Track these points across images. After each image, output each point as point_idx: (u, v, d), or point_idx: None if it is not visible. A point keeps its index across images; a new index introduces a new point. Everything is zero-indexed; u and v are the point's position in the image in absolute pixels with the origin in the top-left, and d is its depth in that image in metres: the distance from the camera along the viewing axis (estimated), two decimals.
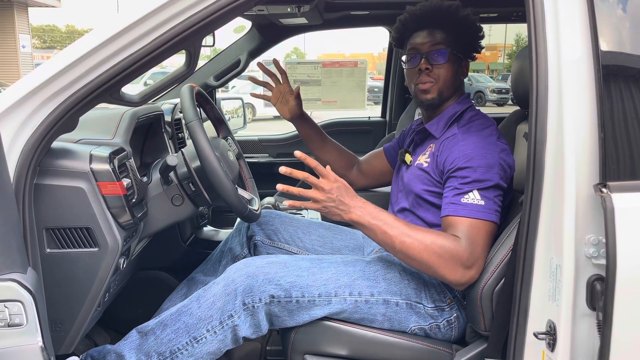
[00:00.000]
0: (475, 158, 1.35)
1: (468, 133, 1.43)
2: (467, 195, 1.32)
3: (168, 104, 2.08)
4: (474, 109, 1.54)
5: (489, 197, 1.32)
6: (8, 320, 1.00)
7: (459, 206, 1.32)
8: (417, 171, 1.51)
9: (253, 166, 2.14)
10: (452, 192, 1.35)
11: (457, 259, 1.28)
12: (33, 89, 1.10)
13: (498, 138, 1.42)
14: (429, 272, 1.32)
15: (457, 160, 1.36)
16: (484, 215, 1.30)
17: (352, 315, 1.39)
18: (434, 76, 1.50)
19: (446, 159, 1.40)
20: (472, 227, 1.30)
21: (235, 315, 1.33)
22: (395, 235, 1.30)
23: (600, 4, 1.04)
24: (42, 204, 1.22)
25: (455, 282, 1.31)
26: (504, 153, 1.39)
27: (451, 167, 1.38)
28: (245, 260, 1.43)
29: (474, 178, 1.33)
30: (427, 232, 1.33)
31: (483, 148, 1.37)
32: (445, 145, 1.44)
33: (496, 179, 1.34)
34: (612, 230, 0.96)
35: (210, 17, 1.12)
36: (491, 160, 1.35)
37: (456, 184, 1.35)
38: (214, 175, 1.42)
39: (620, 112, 1.04)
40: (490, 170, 1.34)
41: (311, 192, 1.34)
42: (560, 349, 1.04)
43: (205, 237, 2.22)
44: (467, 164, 1.35)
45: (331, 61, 3.39)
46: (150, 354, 1.35)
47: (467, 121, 1.48)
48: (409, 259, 1.31)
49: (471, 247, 1.28)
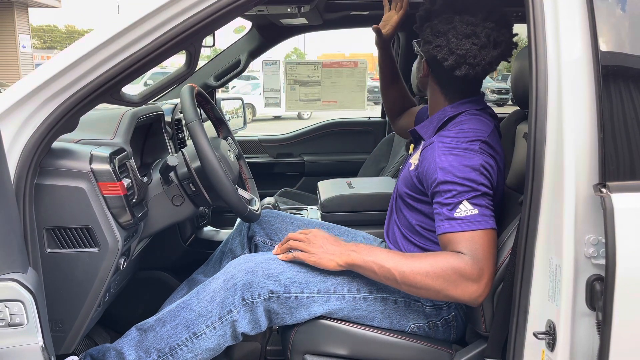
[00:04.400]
0: (454, 170, 1.28)
1: (445, 143, 1.33)
2: (458, 208, 1.26)
3: (168, 104, 2.08)
4: (472, 113, 1.42)
5: (480, 205, 1.26)
6: (8, 320, 1.00)
7: (454, 221, 1.26)
8: (406, 171, 1.48)
9: (253, 166, 2.15)
10: (443, 209, 1.28)
11: (465, 276, 1.22)
12: (33, 89, 1.10)
13: (480, 147, 1.31)
14: (440, 297, 1.27)
15: (435, 174, 1.30)
16: (481, 225, 1.24)
17: (351, 313, 1.40)
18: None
19: (426, 171, 1.34)
20: (473, 240, 1.24)
21: (234, 310, 1.33)
22: (393, 267, 1.27)
23: (600, 4, 1.04)
24: (43, 204, 1.22)
25: (471, 301, 1.24)
26: (481, 158, 1.30)
27: (432, 180, 1.31)
28: (244, 256, 1.43)
29: (458, 190, 1.26)
30: (425, 256, 1.28)
31: (460, 159, 1.29)
32: (424, 155, 1.37)
33: (482, 189, 1.27)
34: (612, 230, 0.96)
35: (211, 17, 1.12)
36: (470, 172, 1.27)
37: (442, 199, 1.28)
38: (214, 175, 1.43)
39: (619, 113, 1.04)
40: (473, 180, 1.27)
41: (292, 243, 1.41)
42: (560, 349, 1.04)
43: (205, 237, 2.23)
44: (446, 178, 1.28)
45: (331, 61, 3.39)
46: (149, 350, 1.35)
47: (450, 129, 1.39)
48: (415, 289, 1.26)
49: (476, 260, 1.22)
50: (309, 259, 1.37)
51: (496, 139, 1.40)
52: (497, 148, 1.37)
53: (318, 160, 3.30)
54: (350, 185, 2.19)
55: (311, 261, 1.36)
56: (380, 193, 2.04)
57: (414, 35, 1.65)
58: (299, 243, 1.39)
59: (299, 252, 1.38)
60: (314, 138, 3.37)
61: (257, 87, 13.32)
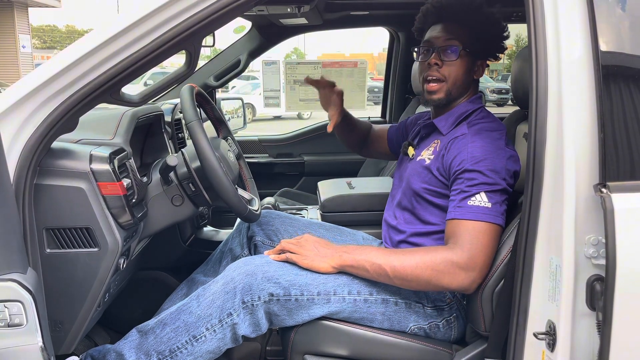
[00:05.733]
0: (483, 161, 1.33)
1: (478, 135, 1.39)
2: (474, 197, 1.30)
3: (168, 104, 2.08)
4: (485, 110, 1.51)
5: (496, 200, 1.30)
6: (8, 320, 1.00)
7: (465, 209, 1.30)
8: (419, 167, 1.49)
9: (253, 166, 2.14)
10: (459, 196, 1.33)
11: (454, 264, 1.26)
12: (33, 89, 1.10)
13: (507, 144, 1.39)
14: (431, 287, 1.31)
15: (465, 162, 1.34)
16: (489, 218, 1.28)
17: (352, 314, 1.39)
18: (443, 72, 1.46)
19: (454, 159, 1.38)
20: (476, 230, 1.28)
21: (234, 313, 1.33)
22: (384, 263, 1.31)
23: (600, 4, 1.04)
24: (42, 204, 1.22)
25: (461, 288, 1.29)
26: (510, 160, 1.36)
27: (458, 168, 1.35)
28: (244, 259, 1.43)
29: (481, 180, 1.31)
30: (416, 250, 1.34)
31: (492, 152, 1.34)
32: (454, 145, 1.41)
33: (503, 184, 1.32)
34: (612, 230, 0.96)
35: (211, 17, 1.12)
36: (498, 165, 1.33)
37: (463, 186, 1.33)
38: (214, 175, 1.43)
39: (620, 113, 1.04)
40: (498, 175, 1.32)
41: (286, 247, 1.42)
42: (560, 349, 1.04)
43: (205, 237, 2.22)
44: (474, 167, 1.33)
45: (331, 61, 3.38)
46: (150, 352, 1.35)
47: (478, 122, 1.45)
48: (406, 282, 1.31)
49: (471, 250, 1.26)
50: (302, 262, 1.38)
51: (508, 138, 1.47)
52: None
53: (318, 160, 3.30)
54: (350, 185, 2.18)
55: (304, 264, 1.38)
56: (380, 193, 2.04)
57: (413, 35, 1.65)
58: (292, 246, 1.42)
59: (292, 255, 1.40)
60: (314, 138, 3.37)
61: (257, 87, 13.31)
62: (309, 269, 1.38)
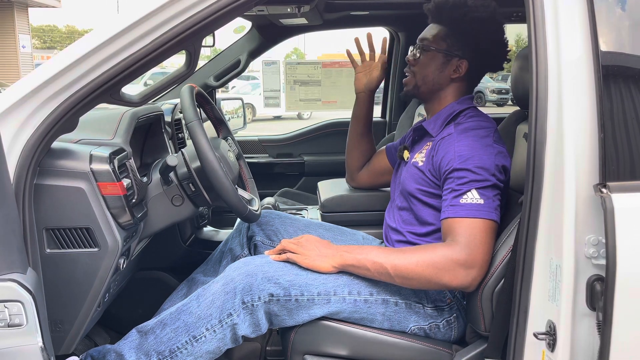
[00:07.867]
0: (471, 159, 1.34)
1: (464, 134, 1.42)
2: (465, 195, 1.32)
3: (168, 104, 2.08)
4: (475, 109, 1.53)
5: (487, 196, 1.32)
6: (8, 320, 1.00)
7: (457, 207, 1.32)
8: (412, 169, 1.51)
9: (253, 166, 2.14)
10: (450, 195, 1.35)
11: (454, 262, 1.27)
12: (33, 89, 1.10)
13: (495, 141, 1.41)
14: (432, 285, 1.32)
15: (452, 162, 1.36)
16: (483, 214, 1.30)
17: (352, 315, 1.39)
18: (414, 69, 1.56)
19: (442, 159, 1.40)
20: (472, 227, 1.29)
21: (234, 313, 1.33)
22: (385, 261, 1.32)
23: (600, 4, 1.04)
24: (42, 204, 1.22)
25: (462, 286, 1.29)
26: (499, 156, 1.37)
27: (447, 168, 1.37)
28: (244, 259, 1.43)
29: (471, 178, 1.33)
30: (417, 249, 1.35)
31: (479, 149, 1.36)
32: (440, 145, 1.43)
33: (493, 180, 1.33)
34: (612, 230, 0.96)
35: (211, 17, 1.12)
36: (487, 162, 1.34)
37: (453, 185, 1.35)
38: (214, 175, 1.43)
39: (620, 113, 1.04)
40: (487, 171, 1.33)
41: (287, 246, 1.42)
42: (560, 349, 1.04)
43: (205, 237, 2.23)
44: (462, 165, 1.34)
45: (331, 61, 3.38)
46: (149, 353, 1.34)
47: (465, 121, 1.47)
48: (407, 281, 1.32)
49: (469, 247, 1.27)
50: (303, 262, 1.38)
51: (498, 135, 1.47)
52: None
53: (318, 160, 3.29)
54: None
55: (305, 263, 1.38)
56: (380, 193, 2.04)
57: (413, 35, 1.65)
58: (292, 246, 1.42)
59: (293, 254, 1.39)
60: (314, 138, 3.37)
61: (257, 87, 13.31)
62: (310, 268, 1.38)
